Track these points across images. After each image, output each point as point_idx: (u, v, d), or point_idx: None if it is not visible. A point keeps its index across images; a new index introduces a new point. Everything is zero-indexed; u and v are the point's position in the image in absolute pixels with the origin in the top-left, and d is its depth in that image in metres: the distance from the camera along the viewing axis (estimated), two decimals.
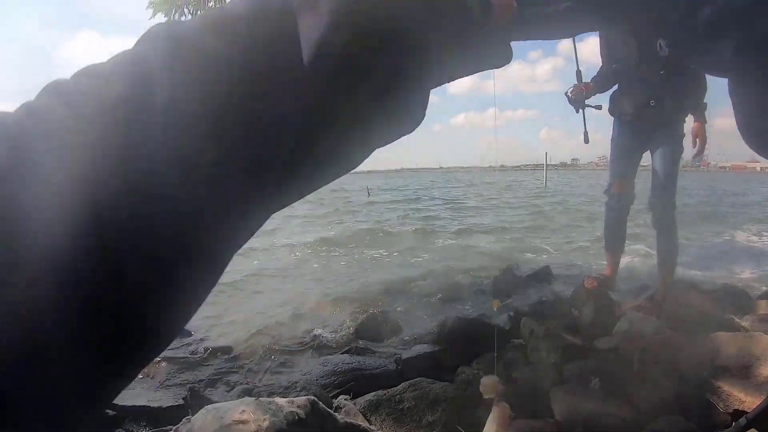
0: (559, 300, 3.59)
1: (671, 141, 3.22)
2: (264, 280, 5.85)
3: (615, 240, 3.51)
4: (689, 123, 3.26)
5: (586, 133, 3.53)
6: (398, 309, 3.98)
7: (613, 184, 3.40)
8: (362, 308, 3.99)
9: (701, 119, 3.21)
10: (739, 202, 18.26)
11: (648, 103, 3.16)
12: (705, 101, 3.18)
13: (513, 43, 0.36)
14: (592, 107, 3.33)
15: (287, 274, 6.23)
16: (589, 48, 3.73)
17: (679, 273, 3.66)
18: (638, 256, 5.69)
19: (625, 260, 4.05)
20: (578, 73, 3.36)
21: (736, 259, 6.09)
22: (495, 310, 3.60)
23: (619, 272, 3.64)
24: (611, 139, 3.44)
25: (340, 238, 9.26)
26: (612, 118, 3.42)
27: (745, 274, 5.24)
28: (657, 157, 3.25)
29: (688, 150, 3.29)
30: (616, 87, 3.37)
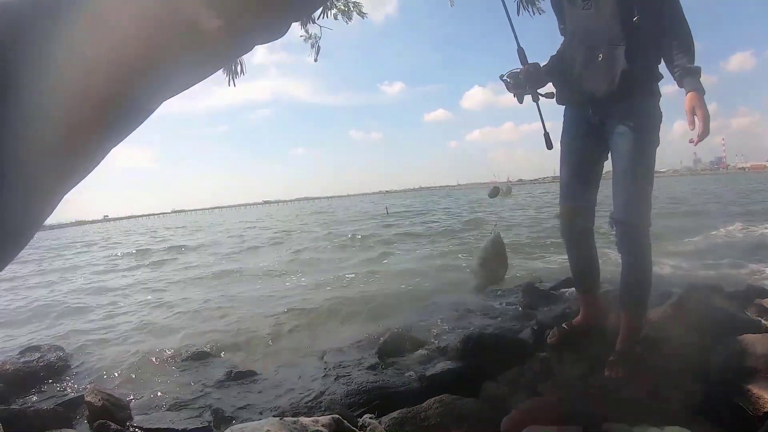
0: None
1: (635, 119, 2.23)
2: (287, 299, 5.89)
3: (580, 276, 2.73)
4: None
5: (547, 136, 2.46)
6: (421, 325, 3.96)
7: (561, 203, 2.57)
8: (385, 325, 3.99)
9: (695, 87, 2.10)
10: None
11: (594, 57, 2.26)
12: (697, 65, 2.13)
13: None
14: (542, 95, 2.42)
15: (309, 292, 6.27)
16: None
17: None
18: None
19: None
20: (520, 52, 2.43)
21: None
22: None
23: None
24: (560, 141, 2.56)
25: (363, 256, 9.31)
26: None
27: None
28: (614, 149, 2.32)
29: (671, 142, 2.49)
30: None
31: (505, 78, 2.43)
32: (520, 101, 2.46)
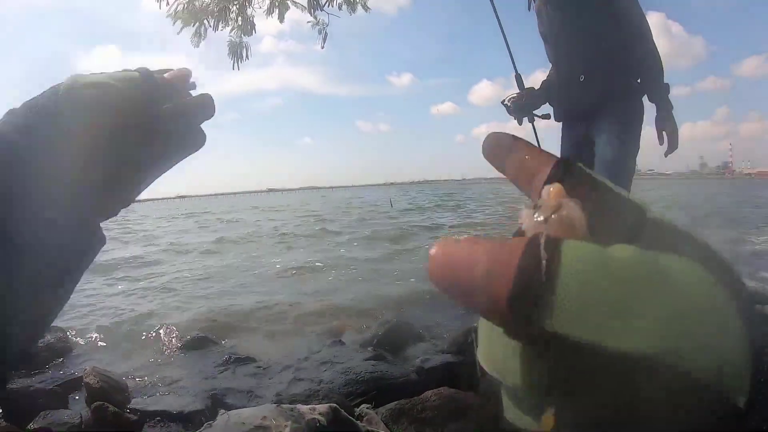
0: None
1: (616, 124, 2.45)
2: (287, 289, 5.88)
3: None
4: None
5: None
6: (421, 318, 3.95)
7: None
8: (385, 317, 3.98)
9: (663, 105, 2.39)
10: None
11: (576, 78, 2.51)
12: (666, 82, 2.42)
13: (537, 50, 0.36)
14: (538, 116, 2.70)
15: (309, 282, 6.25)
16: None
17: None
18: None
19: None
20: (518, 77, 2.72)
21: None
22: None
23: None
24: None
25: (363, 251, 9.29)
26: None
27: None
28: (599, 146, 2.49)
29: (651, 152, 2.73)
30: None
31: (506, 102, 2.69)
32: (520, 123, 2.70)
